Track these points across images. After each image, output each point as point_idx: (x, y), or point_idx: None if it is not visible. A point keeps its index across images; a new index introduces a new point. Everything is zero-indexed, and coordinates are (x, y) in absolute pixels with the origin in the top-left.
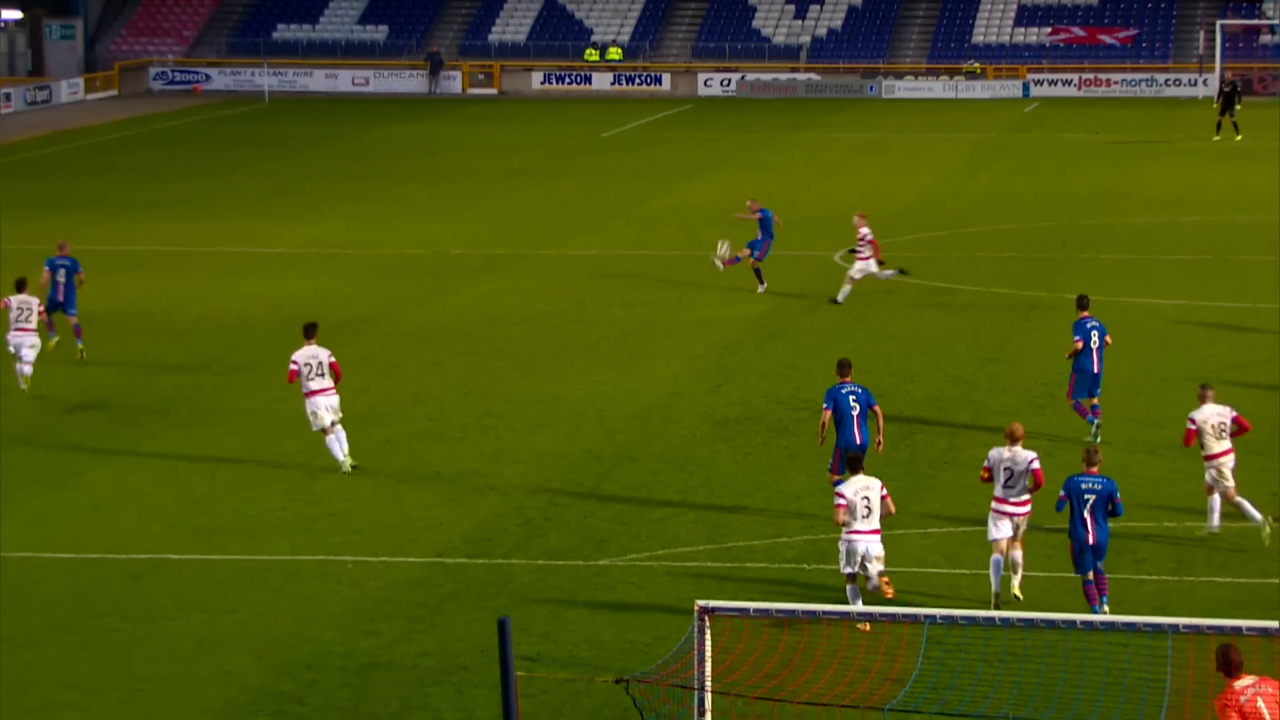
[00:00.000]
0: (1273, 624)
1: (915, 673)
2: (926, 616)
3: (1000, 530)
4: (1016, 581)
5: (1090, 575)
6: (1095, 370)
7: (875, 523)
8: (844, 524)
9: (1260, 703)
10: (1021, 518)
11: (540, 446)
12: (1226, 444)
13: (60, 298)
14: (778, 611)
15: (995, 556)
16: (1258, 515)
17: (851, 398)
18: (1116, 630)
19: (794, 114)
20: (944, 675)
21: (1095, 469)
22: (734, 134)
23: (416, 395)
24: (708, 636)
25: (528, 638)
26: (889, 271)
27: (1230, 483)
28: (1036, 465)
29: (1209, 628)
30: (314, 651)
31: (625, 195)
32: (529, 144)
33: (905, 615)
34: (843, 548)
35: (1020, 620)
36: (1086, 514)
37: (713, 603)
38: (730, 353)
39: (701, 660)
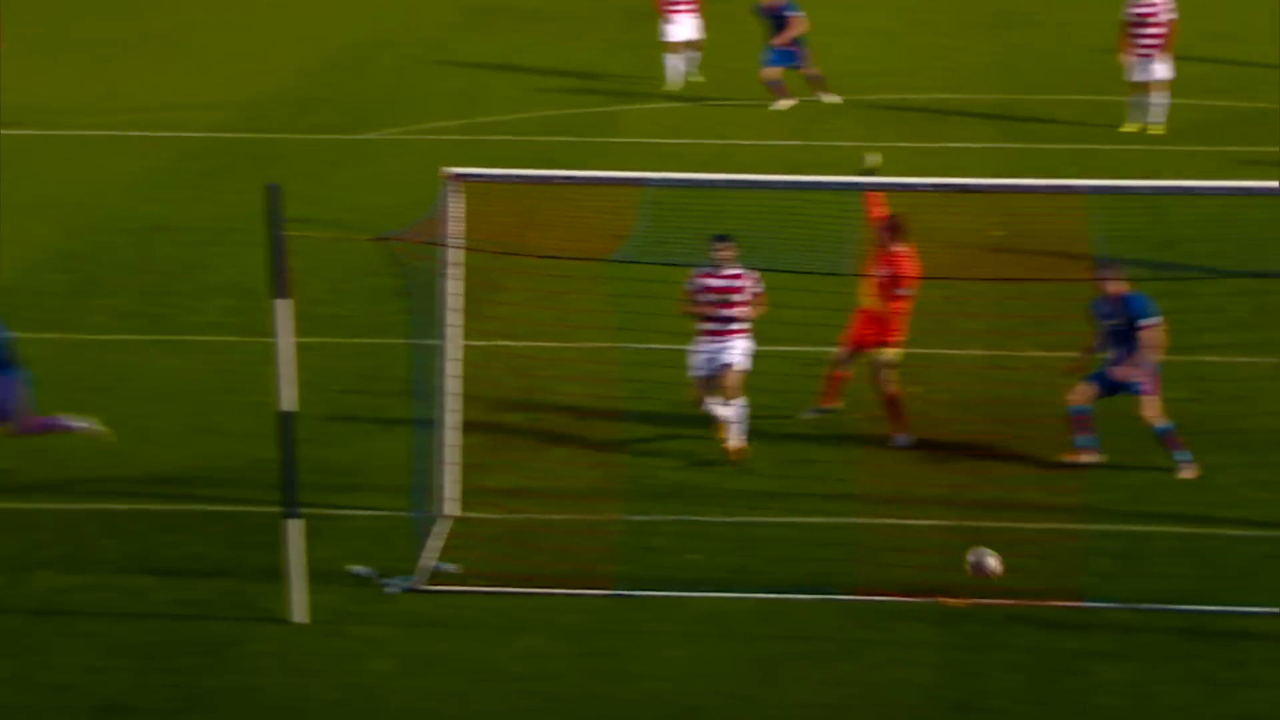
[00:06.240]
0: None
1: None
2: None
3: None
4: None
5: None
6: None
7: None
8: None
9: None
10: None
11: (306, 34)
12: None
13: None
14: (518, 177)
15: None
16: None
17: None
18: None
19: None
20: (661, 232)
21: None
22: None
23: None
24: (454, 200)
25: (296, 203)
26: None
27: None
28: None
29: None
30: (104, 216)
31: None
32: None
33: (628, 179)
34: None
35: (732, 181)
36: None
37: (460, 169)
38: None
39: (446, 220)
